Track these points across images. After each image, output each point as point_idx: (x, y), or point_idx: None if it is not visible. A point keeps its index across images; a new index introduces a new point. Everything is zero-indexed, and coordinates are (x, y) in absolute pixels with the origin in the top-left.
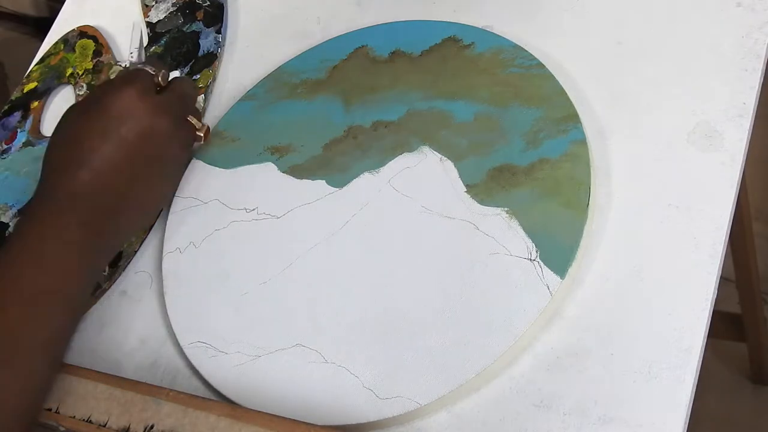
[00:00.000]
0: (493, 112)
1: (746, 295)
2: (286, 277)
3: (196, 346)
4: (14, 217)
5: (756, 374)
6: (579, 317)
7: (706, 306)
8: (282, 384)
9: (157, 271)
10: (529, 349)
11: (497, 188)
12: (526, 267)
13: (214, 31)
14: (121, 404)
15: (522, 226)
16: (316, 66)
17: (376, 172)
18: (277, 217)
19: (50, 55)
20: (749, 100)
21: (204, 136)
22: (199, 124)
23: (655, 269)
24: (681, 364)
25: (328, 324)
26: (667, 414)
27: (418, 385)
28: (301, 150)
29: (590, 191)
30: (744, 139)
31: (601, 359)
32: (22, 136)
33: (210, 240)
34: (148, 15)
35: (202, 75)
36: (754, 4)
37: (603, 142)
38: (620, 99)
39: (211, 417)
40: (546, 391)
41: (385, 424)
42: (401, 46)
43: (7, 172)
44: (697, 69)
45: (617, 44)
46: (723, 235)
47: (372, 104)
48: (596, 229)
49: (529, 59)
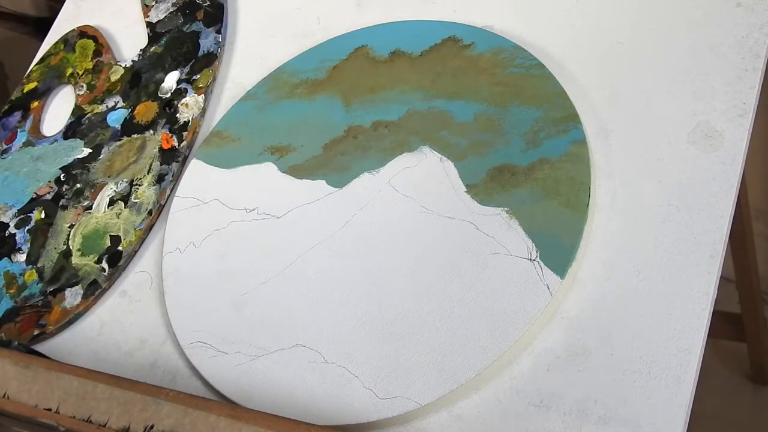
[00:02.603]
0: (493, 112)
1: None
2: (286, 277)
3: (196, 346)
4: (14, 216)
5: (756, 374)
6: (579, 317)
7: (706, 306)
8: (282, 384)
9: (157, 271)
10: (529, 349)
11: (497, 188)
12: (526, 267)
13: (214, 31)
14: (121, 404)
15: (522, 226)
16: (316, 66)
17: (376, 172)
18: (277, 217)
19: (50, 55)
20: (749, 100)
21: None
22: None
23: (655, 269)
24: (681, 364)
25: (328, 324)
26: (667, 414)
27: (418, 385)
28: (301, 150)
29: (590, 191)
30: (744, 139)
31: (601, 359)
32: (22, 136)
33: (210, 240)
34: (148, 15)
35: (202, 75)
36: (754, 4)
37: (603, 142)
38: (620, 99)
39: (211, 417)
40: (546, 391)
41: (385, 424)
42: (401, 46)
43: (7, 172)
44: (697, 69)
45: (617, 44)
46: (723, 235)
47: (372, 104)
48: (596, 229)
49: (529, 59)
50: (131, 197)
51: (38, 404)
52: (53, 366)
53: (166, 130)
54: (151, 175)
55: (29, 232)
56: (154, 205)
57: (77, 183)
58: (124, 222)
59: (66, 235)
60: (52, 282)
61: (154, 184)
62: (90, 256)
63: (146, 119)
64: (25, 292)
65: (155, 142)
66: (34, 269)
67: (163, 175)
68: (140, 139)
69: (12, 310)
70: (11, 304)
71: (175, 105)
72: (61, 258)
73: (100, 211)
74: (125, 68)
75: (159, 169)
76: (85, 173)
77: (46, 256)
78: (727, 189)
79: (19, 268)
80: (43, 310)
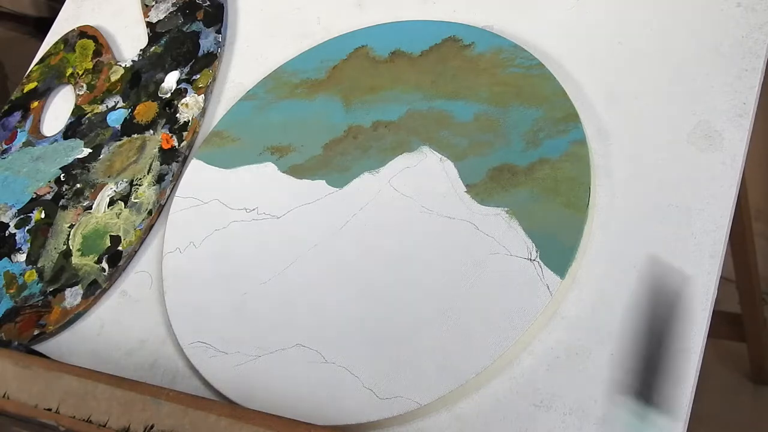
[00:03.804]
0: (493, 112)
1: (746, 295)
2: (286, 277)
3: (196, 346)
4: (14, 216)
5: (756, 374)
6: (579, 317)
7: (706, 306)
8: (282, 384)
9: (157, 271)
10: (529, 348)
11: (497, 188)
12: (526, 267)
13: (214, 31)
14: (121, 404)
15: (522, 226)
16: (316, 66)
17: (376, 172)
18: (277, 217)
19: (50, 55)
20: (749, 100)
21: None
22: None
23: (655, 269)
24: (681, 365)
25: (328, 324)
26: (667, 414)
27: (418, 385)
28: (301, 150)
29: (590, 191)
30: (744, 139)
31: (601, 359)
32: (22, 136)
33: (210, 240)
34: (148, 15)
35: (202, 75)
36: (754, 4)
37: (603, 142)
38: (620, 99)
39: (211, 417)
40: (546, 391)
41: (385, 424)
42: (401, 46)
43: (7, 172)
44: (697, 69)
45: (617, 44)
46: (723, 235)
47: (372, 104)
48: (596, 229)
49: (529, 59)
50: (131, 197)
51: (38, 404)
52: (53, 366)
53: (166, 130)
54: (151, 175)
55: (29, 232)
56: (154, 205)
57: (77, 183)
58: (124, 222)
59: (66, 235)
60: (52, 282)
61: (154, 184)
62: (90, 256)
63: (146, 119)
64: (25, 292)
65: (155, 142)
66: (34, 269)
67: (163, 175)
68: (140, 139)
69: (12, 310)
70: (11, 304)
71: (175, 105)
72: (61, 258)
73: (100, 211)
74: (125, 68)
75: (159, 169)
76: (85, 173)
77: (46, 256)
78: (727, 189)
79: (19, 268)
80: (43, 310)
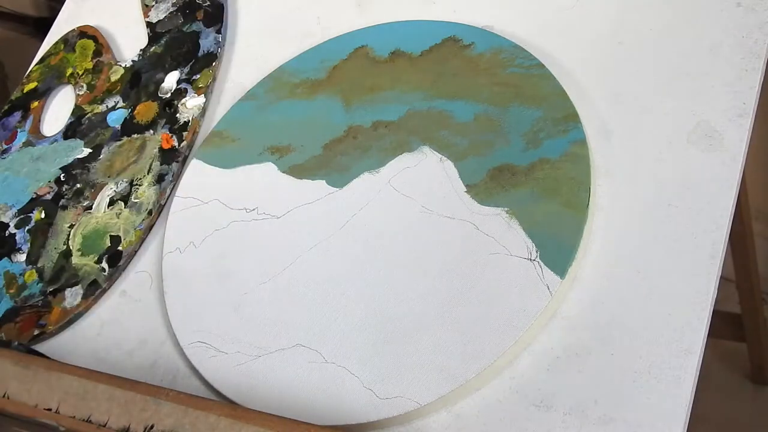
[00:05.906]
0: (493, 112)
1: (746, 295)
2: (286, 277)
3: (196, 346)
4: (14, 216)
5: (756, 374)
6: (579, 317)
7: (706, 306)
8: (282, 384)
9: (157, 271)
10: (529, 348)
11: (497, 188)
12: (526, 267)
13: (214, 31)
14: (121, 404)
15: (522, 226)
16: (316, 66)
17: (376, 172)
18: (277, 217)
19: (50, 55)
20: (749, 100)
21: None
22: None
23: (655, 269)
24: (681, 364)
25: (328, 324)
26: (667, 414)
27: (418, 385)
28: (301, 150)
29: (590, 191)
30: (744, 139)
31: (601, 359)
32: (22, 136)
33: (210, 240)
34: (148, 15)
35: (202, 75)
36: (754, 4)
37: (603, 142)
38: (620, 99)
39: (211, 417)
40: (546, 391)
41: (385, 424)
42: (401, 46)
43: (7, 172)
44: (697, 69)
45: (617, 44)
46: (723, 235)
47: (372, 104)
48: (596, 229)
49: (529, 59)
50: (131, 197)
51: (38, 404)
52: (53, 366)
53: (166, 130)
54: (151, 175)
55: (29, 232)
56: (154, 205)
57: (77, 183)
58: (124, 222)
59: (66, 235)
60: (52, 282)
61: (154, 184)
62: (90, 256)
63: (146, 119)
64: (25, 292)
65: (155, 142)
66: (34, 269)
67: (163, 175)
68: (140, 139)
69: (12, 310)
70: (11, 304)
71: (175, 105)
72: (61, 258)
73: (100, 211)
74: (125, 68)
75: (159, 169)
76: (85, 173)
77: (46, 256)
78: (727, 189)
79: (19, 268)
80: (43, 310)
